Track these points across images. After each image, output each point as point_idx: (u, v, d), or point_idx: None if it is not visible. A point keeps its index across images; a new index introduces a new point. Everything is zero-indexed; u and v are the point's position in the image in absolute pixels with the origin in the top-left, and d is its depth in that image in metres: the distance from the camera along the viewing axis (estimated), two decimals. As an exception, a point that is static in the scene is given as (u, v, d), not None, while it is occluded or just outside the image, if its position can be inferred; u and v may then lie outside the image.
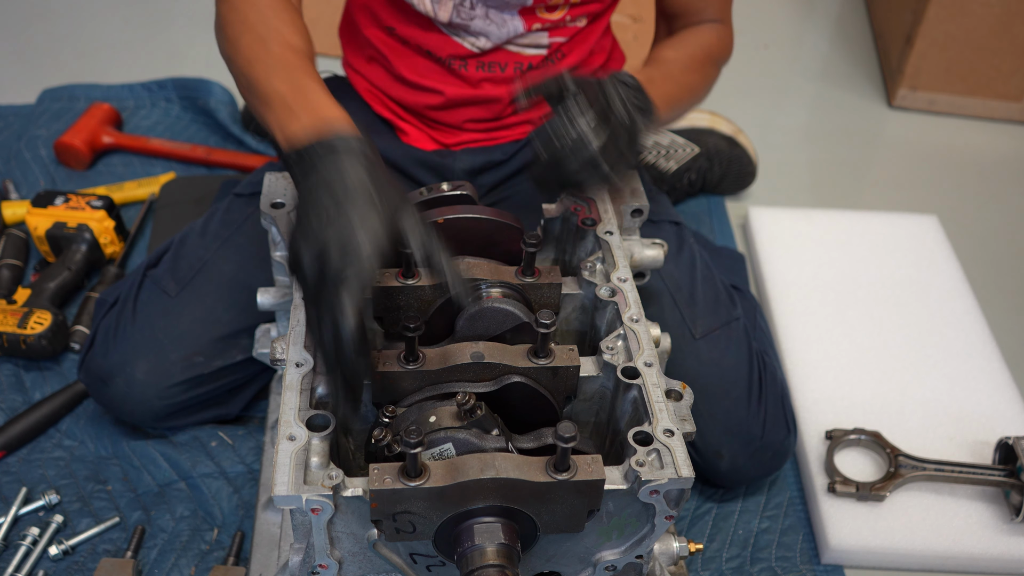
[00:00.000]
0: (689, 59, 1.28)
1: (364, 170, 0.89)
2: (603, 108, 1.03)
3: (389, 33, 1.35)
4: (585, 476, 0.82)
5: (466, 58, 1.32)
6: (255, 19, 1.06)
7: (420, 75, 1.35)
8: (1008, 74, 2.20)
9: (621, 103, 1.04)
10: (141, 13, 2.46)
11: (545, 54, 1.34)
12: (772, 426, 1.30)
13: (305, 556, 0.90)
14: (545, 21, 1.30)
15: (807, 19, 2.65)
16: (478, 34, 1.30)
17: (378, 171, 0.90)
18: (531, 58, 1.34)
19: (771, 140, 2.15)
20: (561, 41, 1.34)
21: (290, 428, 0.84)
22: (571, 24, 1.33)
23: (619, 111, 1.03)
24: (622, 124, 1.04)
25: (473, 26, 1.28)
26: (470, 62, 1.33)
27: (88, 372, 1.32)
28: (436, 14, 1.27)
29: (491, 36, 1.30)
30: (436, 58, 1.33)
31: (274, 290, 1.15)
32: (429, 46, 1.32)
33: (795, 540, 1.35)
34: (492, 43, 1.31)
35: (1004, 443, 1.37)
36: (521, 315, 0.99)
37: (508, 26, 1.29)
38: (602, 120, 1.03)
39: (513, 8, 1.28)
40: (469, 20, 1.28)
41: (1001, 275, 1.85)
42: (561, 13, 1.30)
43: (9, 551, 1.26)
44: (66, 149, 1.87)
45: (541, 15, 1.29)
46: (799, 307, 1.64)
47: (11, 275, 1.60)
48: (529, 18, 1.29)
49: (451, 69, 1.33)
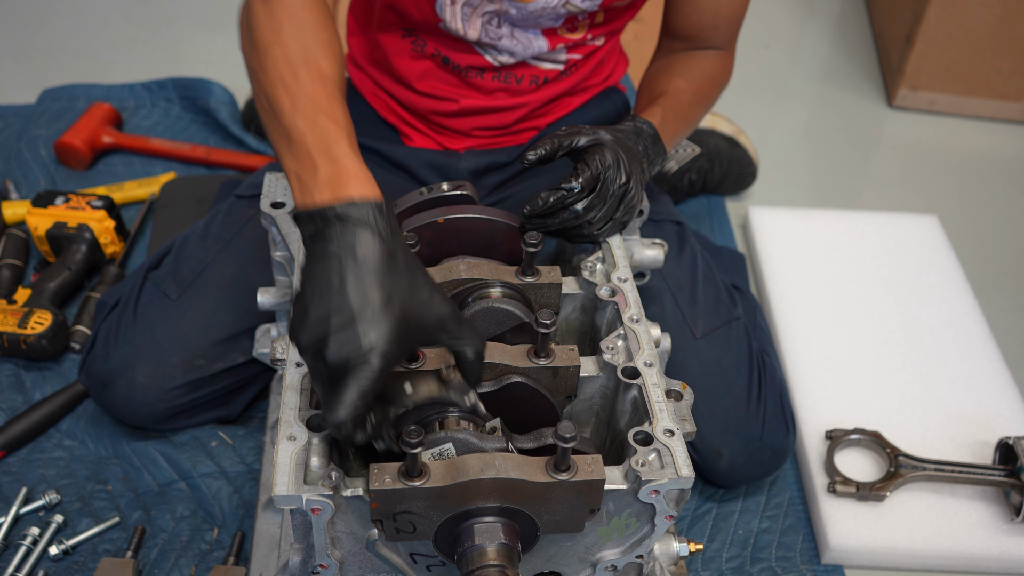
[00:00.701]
0: (698, 91, 1.29)
1: (379, 248, 0.80)
2: (595, 181, 1.07)
3: (407, 35, 1.33)
4: (585, 476, 0.82)
5: (484, 70, 1.33)
6: (289, 32, 0.95)
7: (433, 86, 1.35)
8: (1008, 74, 2.20)
9: (619, 172, 1.08)
10: (141, 13, 2.46)
11: (561, 69, 1.35)
12: (771, 426, 1.30)
13: (305, 556, 0.90)
14: (568, 40, 1.31)
15: (807, 19, 2.65)
16: (503, 51, 1.31)
17: (397, 246, 0.82)
18: (547, 72, 1.35)
19: (771, 140, 2.15)
20: (578, 58, 1.35)
21: (290, 428, 0.84)
22: (591, 43, 1.35)
23: (612, 180, 1.07)
24: (613, 194, 1.07)
25: (500, 44, 1.29)
26: (487, 73, 1.33)
27: (89, 375, 1.32)
28: (465, 33, 1.27)
29: (516, 54, 1.31)
30: (454, 66, 1.33)
31: (274, 290, 1.15)
32: (450, 56, 1.32)
33: (795, 540, 1.35)
34: (515, 60, 1.32)
35: (1004, 443, 1.37)
36: (521, 315, 0.99)
37: (533, 45, 1.30)
38: (594, 193, 1.07)
39: (538, 28, 1.28)
40: (497, 39, 1.29)
41: (1001, 275, 1.85)
42: (583, 33, 1.31)
43: (9, 551, 1.26)
44: (66, 149, 1.87)
45: (563, 35, 1.30)
46: (799, 307, 1.64)
47: (11, 275, 1.60)
48: (553, 38, 1.30)
49: (466, 78, 1.34)
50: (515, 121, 1.39)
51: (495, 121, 1.38)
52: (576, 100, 1.43)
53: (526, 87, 1.35)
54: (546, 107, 1.40)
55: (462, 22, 1.27)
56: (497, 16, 1.26)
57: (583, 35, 1.32)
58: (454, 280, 1.00)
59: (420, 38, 1.32)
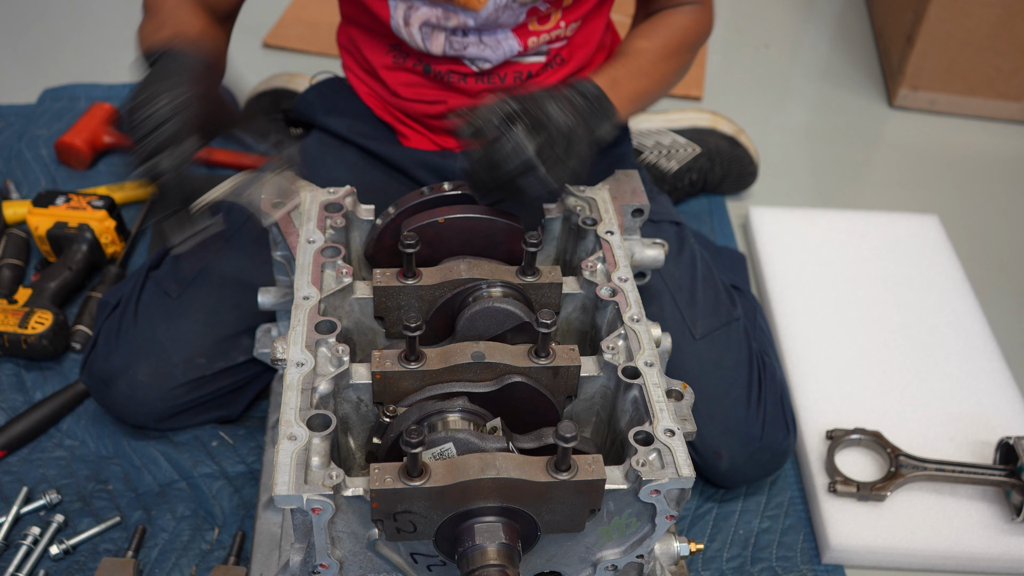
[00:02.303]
0: (662, 48, 1.28)
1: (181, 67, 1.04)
2: (537, 117, 1.04)
3: (391, 50, 1.35)
4: (586, 476, 0.82)
5: (466, 75, 1.33)
6: None
7: (420, 93, 1.36)
8: (1009, 74, 2.20)
9: (559, 111, 1.05)
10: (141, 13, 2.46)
11: (544, 61, 1.34)
12: (771, 426, 1.30)
13: (306, 556, 0.90)
14: (540, 33, 1.30)
15: (808, 19, 2.65)
16: (475, 59, 1.31)
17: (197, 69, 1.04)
18: (531, 66, 1.35)
19: (772, 140, 2.15)
20: (560, 47, 1.34)
21: (291, 428, 0.84)
22: (567, 31, 1.33)
23: (556, 118, 1.05)
24: (558, 130, 1.04)
25: (467, 53, 1.29)
26: (469, 79, 1.34)
27: (90, 374, 1.32)
28: (429, 49, 1.29)
29: (491, 59, 1.31)
30: (436, 73, 1.34)
31: (275, 290, 1.15)
32: (431, 64, 1.33)
33: (796, 540, 1.35)
34: (492, 64, 1.32)
35: (1005, 443, 1.37)
36: (522, 315, 0.99)
37: (503, 46, 1.30)
38: (536, 127, 1.03)
39: (506, 27, 1.28)
40: (463, 49, 1.29)
41: (1002, 275, 1.85)
42: (555, 21, 1.30)
43: (10, 551, 1.26)
44: (67, 149, 1.87)
45: (534, 28, 1.29)
46: (799, 307, 1.64)
47: (12, 275, 1.60)
48: (524, 34, 1.30)
49: (450, 83, 1.34)
50: None
51: None
52: None
53: (511, 84, 1.35)
54: None
55: (423, 41, 1.28)
56: (459, 29, 1.27)
57: (556, 23, 1.31)
58: (454, 280, 1.01)
59: (401, 51, 1.34)
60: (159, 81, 1.01)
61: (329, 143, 1.45)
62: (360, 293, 1.03)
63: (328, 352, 0.93)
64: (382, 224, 1.07)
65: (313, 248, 1.04)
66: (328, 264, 1.02)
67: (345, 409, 0.96)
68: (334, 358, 0.93)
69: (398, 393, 0.94)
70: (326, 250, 1.04)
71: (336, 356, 0.92)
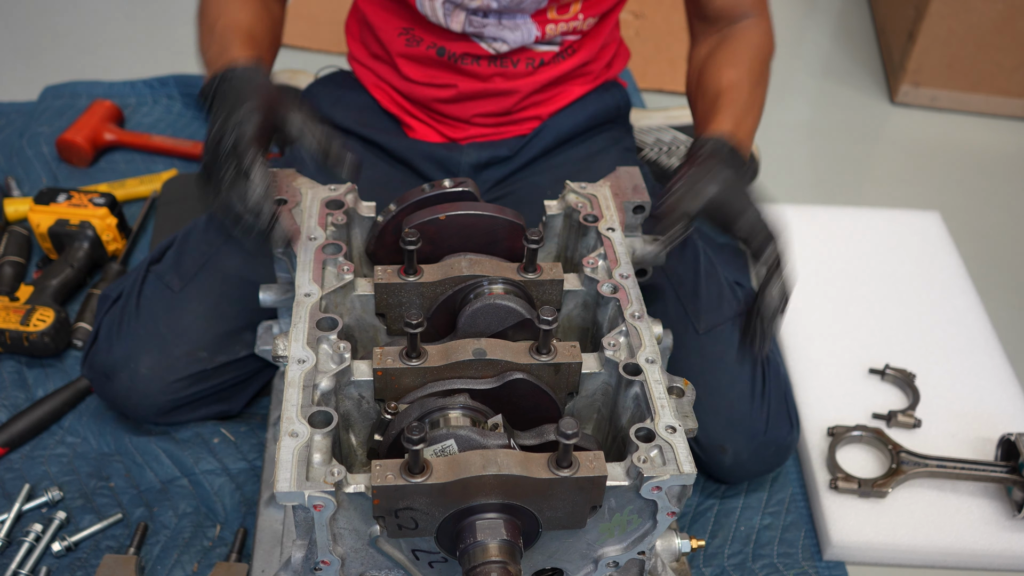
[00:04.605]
0: (750, 74, 1.26)
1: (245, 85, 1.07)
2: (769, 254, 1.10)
3: (403, 33, 1.36)
4: (587, 472, 0.82)
5: (479, 58, 1.34)
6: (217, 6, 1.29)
7: (431, 75, 1.37)
8: (1010, 70, 2.19)
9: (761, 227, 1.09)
10: (143, 10, 2.46)
11: (557, 50, 1.36)
12: (775, 422, 1.30)
13: (307, 552, 0.90)
14: (558, 22, 1.31)
15: (809, 15, 2.65)
16: (493, 39, 1.31)
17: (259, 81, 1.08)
18: (543, 54, 1.36)
19: (773, 136, 2.15)
20: (573, 40, 1.35)
21: (292, 425, 0.85)
22: (584, 24, 1.35)
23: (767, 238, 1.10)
24: None
25: (487, 32, 1.30)
26: (482, 61, 1.34)
27: (92, 367, 1.32)
28: (448, 25, 1.29)
29: (508, 41, 1.32)
30: (450, 55, 1.35)
31: (276, 287, 1.15)
32: (446, 46, 1.34)
33: (797, 536, 1.35)
34: (509, 47, 1.33)
35: (1006, 439, 1.37)
36: (523, 311, 0.99)
37: (522, 30, 1.31)
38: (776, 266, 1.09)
39: (526, 12, 1.28)
40: (482, 28, 1.29)
41: (1003, 271, 1.85)
42: (575, 11, 1.31)
43: (12, 548, 1.26)
44: (68, 146, 1.87)
45: (553, 16, 1.30)
46: (801, 303, 1.64)
47: (13, 272, 1.60)
48: (543, 21, 1.30)
49: (462, 66, 1.34)
50: (514, 105, 1.39)
51: (495, 106, 1.39)
52: (577, 89, 1.43)
53: (523, 70, 1.36)
54: (545, 92, 1.40)
55: (444, 17, 1.29)
56: (480, 10, 1.28)
57: (574, 15, 1.32)
58: (456, 276, 1.01)
59: (415, 33, 1.35)
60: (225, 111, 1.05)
61: None
62: (361, 290, 1.03)
63: (329, 349, 0.93)
64: (383, 221, 1.07)
65: (314, 245, 1.04)
66: (329, 261, 1.02)
67: (346, 406, 0.96)
68: (335, 355, 0.93)
69: (399, 390, 0.94)
70: (327, 247, 1.04)
71: (337, 353, 0.93)
